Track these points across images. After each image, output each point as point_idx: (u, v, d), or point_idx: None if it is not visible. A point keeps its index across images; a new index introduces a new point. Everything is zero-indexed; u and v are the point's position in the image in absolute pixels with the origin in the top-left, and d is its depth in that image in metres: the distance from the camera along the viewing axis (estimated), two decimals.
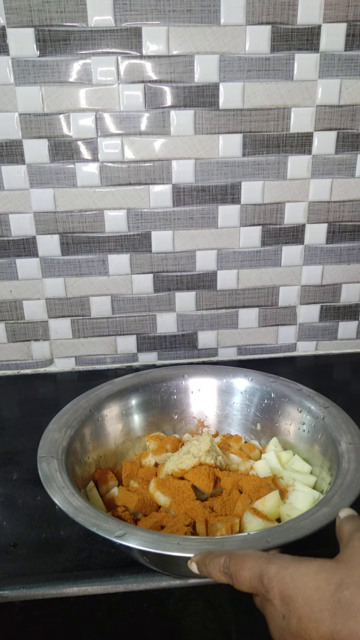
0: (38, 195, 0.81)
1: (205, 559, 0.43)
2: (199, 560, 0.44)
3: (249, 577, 0.39)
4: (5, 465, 0.68)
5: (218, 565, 0.42)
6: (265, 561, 0.39)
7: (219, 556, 0.42)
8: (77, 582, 0.51)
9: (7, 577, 0.52)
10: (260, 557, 0.40)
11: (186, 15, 0.73)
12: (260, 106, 0.79)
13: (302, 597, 0.36)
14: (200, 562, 0.43)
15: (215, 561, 0.42)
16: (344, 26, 0.76)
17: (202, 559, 0.43)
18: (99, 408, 0.66)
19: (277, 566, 0.38)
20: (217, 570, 0.42)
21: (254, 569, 0.39)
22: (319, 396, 0.66)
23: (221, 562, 0.42)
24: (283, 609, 0.37)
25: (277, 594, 0.37)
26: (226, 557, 0.42)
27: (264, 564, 0.39)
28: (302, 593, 0.37)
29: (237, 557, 0.41)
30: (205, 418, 0.73)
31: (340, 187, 0.85)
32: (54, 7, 0.72)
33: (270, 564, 0.39)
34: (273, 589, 0.38)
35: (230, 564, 0.41)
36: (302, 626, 0.36)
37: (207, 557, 0.43)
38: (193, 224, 0.85)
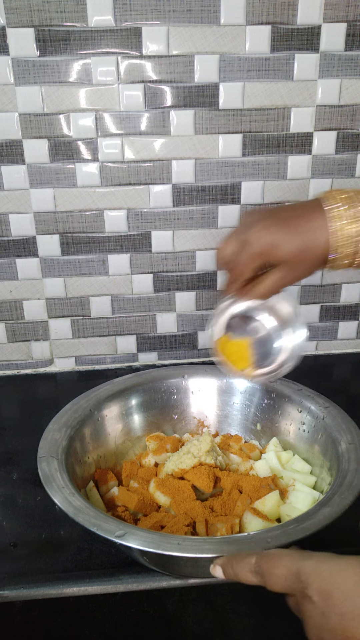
0: (38, 195, 0.81)
1: (232, 560, 0.42)
2: (224, 562, 0.43)
3: (284, 575, 0.39)
4: (5, 465, 0.68)
5: (248, 565, 0.41)
6: (301, 558, 0.39)
7: (248, 557, 0.41)
8: (77, 582, 0.51)
9: (7, 577, 0.52)
10: (294, 554, 0.39)
11: (186, 15, 0.73)
12: (260, 106, 0.79)
13: (343, 593, 0.36)
14: (226, 565, 0.42)
15: (244, 562, 0.41)
16: (344, 26, 0.76)
17: (227, 561, 0.42)
18: (99, 408, 0.66)
19: (315, 562, 0.38)
20: (247, 570, 0.41)
21: (289, 566, 0.39)
22: (319, 396, 0.66)
23: (252, 562, 0.41)
24: (322, 605, 0.36)
25: (316, 590, 0.37)
26: (257, 557, 0.41)
27: (300, 561, 0.38)
28: (342, 588, 0.36)
29: (269, 556, 0.40)
30: (205, 418, 0.73)
31: (340, 187, 0.85)
32: (54, 7, 0.72)
33: (306, 560, 0.38)
34: (312, 584, 0.37)
35: (262, 562, 0.40)
36: (343, 623, 0.35)
37: (234, 558, 0.42)
38: (193, 224, 0.85)
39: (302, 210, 0.53)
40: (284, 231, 0.52)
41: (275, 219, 0.53)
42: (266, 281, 0.55)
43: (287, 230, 0.52)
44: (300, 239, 0.51)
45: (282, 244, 0.52)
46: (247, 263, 0.54)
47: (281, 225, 0.52)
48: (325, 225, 0.51)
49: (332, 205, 0.51)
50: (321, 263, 0.53)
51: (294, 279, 0.55)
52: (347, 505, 0.49)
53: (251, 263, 0.54)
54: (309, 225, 0.51)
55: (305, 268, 0.53)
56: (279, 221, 0.52)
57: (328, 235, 0.51)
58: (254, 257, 0.53)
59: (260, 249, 0.52)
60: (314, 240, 0.51)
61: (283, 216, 0.53)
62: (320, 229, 0.51)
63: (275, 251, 0.52)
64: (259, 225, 0.53)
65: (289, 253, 0.52)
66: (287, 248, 0.52)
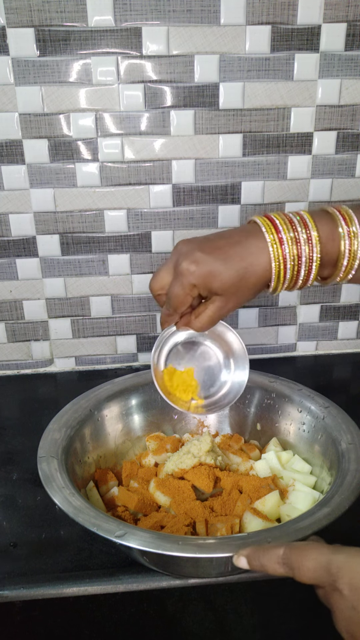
0: (38, 195, 0.81)
1: (259, 551, 0.42)
2: (250, 553, 0.43)
3: (313, 567, 0.39)
4: (5, 465, 0.68)
5: (275, 557, 0.41)
6: (332, 551, 0.39)
7: (275, 548, 0.42)
8: (77, 582, 0.51)
9: (7, 577, 0.52)
10: (324, 547, 0.40)
11: (186, 15, 0.73)
12: (260, 106, 0.79)
13: None
14: (252, 556, 0.43)
15: (272, 553, 0.41)
16: (344, 26, 0.76)
17: (254, 552, 0.43)
18: (99, 408, 0.66)
19: (346, 555, 0.38)
20: (274, 562, 0.41)
21: (319, 559, 0.39)
22: (319, 396, 0.66)
23: (280, 553, 0.41)
24: (353, 598, 0.37)
25: (347, 583, 0.37)
26: (285, 548, 0.41)
27: (330, 554, 0.39)
28: None
29: (299, 548, 0.41)
30: (205, 418, 0.73)
31: (340, 187, 0.85)
32: (54, 7, 0.72)
33: (337, 553, 0.38)
34: (342, 577, 0.37)
35: (291, 554, 0.40)
36: None
37: (261, 549, 0.42)
38: (193, 224, 0.85)
39: (238, 237, 0.50)
40: (219, 261, 0.49)
41: (209, 247, 0.50)
42: (206, 312, 0.53)
43: (223, 259, 0.49)
44: (237, 268, 0.49)
45: (218, 274, 0.49)
46: (183, 295, 0.51)
47: (216, 255, 0.50)
48: (264, 250, 0.49)
49: (270, 230, 0.49)
50: (261, 288, 0.52)
51: (233, 307, 0.53)
52: (347, 505, 0.49)
53: (187, 295, 0.51)
54: (246, 252, 0.49)
55: (244, 295, 0.51)
56: (213, 250, 0.50)
57: (268, 261, 0.49)
58: (190, 289, 0.51)
59: (195, 280, 0.50)
60: (252, 266, 0.49)
61: (218, 244, 0.50)
62: (258, 254, 0.49)
63: (211, 282, 0.50)
64: (193, 255, 0.50)
65: (226, 283, 0.50)
66: (223, 278, 0.49)
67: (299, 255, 0.49)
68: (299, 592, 0.54)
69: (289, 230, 0.49)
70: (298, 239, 0.49)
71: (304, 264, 0.49)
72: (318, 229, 0.49)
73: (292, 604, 0.58)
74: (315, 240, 0.48)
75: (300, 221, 0.49)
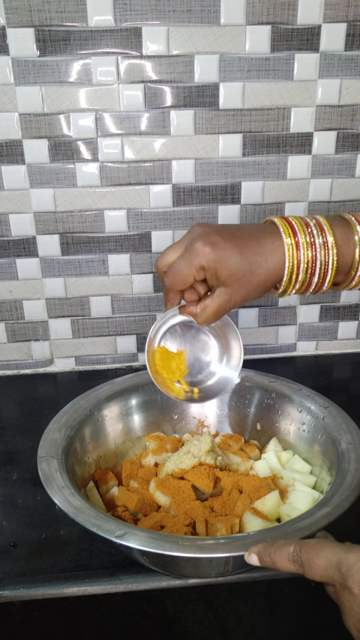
0: (38, 195, 0.81)
1: (270, 548, 0.42)
2: (261, 550, 0.43)
3: (324, 565, 0.39)
4: (5, 465, 0.68)
5: (286, 554, 0.41)
6: (343, 549, 0.39)
7: (286, 545, 0.42)
8: (77, 582, 0.51)
9: (7, 577, 0.52)
10: (336, 545, 0.40)
11: (186, 15, 0.73)
12: (260, 106, 0.79)
13: None
14: (263, 552, 0.43)
15: (283, 549, 0.42)
16: (344, 26, 0.76)
17: (265, 548, 0.43)
18: (99, 408, 0.66)
19: (357, 555, 0.38)
20: (285, 559, 0.41)
21: (330, 557, 0.39)
22: (319, 396, 0.66)
23: (290, 550, 0.41)
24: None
25: (358, 582, 0.37)
26: (296, 545, 0.41)
27: (341, 552, 0.39)
28: None
29: (310, 545, 0.41)
30: (205, 418, 0.73)
31: (340, 187, 0.85)
32: (54, 7, 0.72)
33: (349, 552, 0.39)
34: (353, 576, 0.37)
35: (302, 552, 0.40)
36: None
37: (272, 546, 0.42)
38: (193, 224, 0.85)
39: (255, 232, 0.50)
40: (233, 249, 0.49)
41: (227, 234, 0.50)
42: (211, 305, 0.52)
43: (238, 248, 0.49)
44: (250, 260, 0.49)
45: (230, 261, 0.49)
46: (187, 273, 0.51)
47: (233, 242, 0.49)
48: (279, 249, 0.49)
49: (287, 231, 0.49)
50: (269, 287, 0.51)
51: (239, 302, 0.52)
52: (347, 505, 0.49)
53: (191, 274, 0.51)
54: (262, 248, 0.49)
55: (251, 290, 0.51)
56: (231, 237, 0.50)
57: (282, 260, 0.49)
58: (197, 269, 0.50)
59: (206, 262, 0.49)
60: (265, 262, 0.49)
61: (236, 234, 0.50)
62: (273, 252, 0.49)
63: (221, 267, 0.49)
64: (210, 237, 0.50)
65: (236, 273, 0.49)
66: (234, 267, 0.49)
67: (314, 260, 0.49)
68: (298, 592, 0.55)
69: (306, 234, 0.49)
70: (314, 243, 0.49)
71: (319, 268, 0.49)
72: (335, 234, 0.49)
73: (291, 604, 0.58)
74: (332, 245, 0.48)
75: (316, 225, 0.49)
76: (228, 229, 0.51)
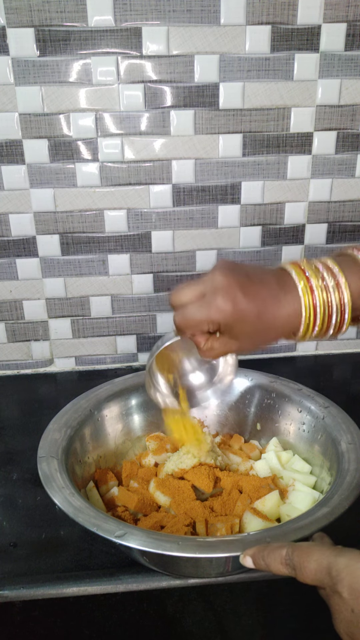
0: (38, 195, 0.81)
1: (263, 551, 0.43)
2: (255, 553, 0.43)
3: (314, 569, 0.39)
4: (5, 465, 0.68)
5: (279, 557, 0.41)
6: (334, 553, 0.39)
7: (279, 548, 0.42)
8: (77, 582, 0.51)
9: (7, 577, 0.52)
10: (327, 549, 0.40)
11: (186, 15, 0.73)
12: (260, 106, 0.79)
13: None
14: (257, 555, 0.43)
15: (276, 553, 0.42)
16: (344, 26, 0.76)
17: (258, 551, 0.43)
18: (99, 408, 0.66)
19: (347, 559, 0.38)
20: (278, 562, 0.41)
21: (320, 560, 0.39)
22: (319, 396, 0.66)
23: (283, 553, 0.41)
24: (353, 602, 0.37)
25: (347, 587, 0.37)
26: (289, 548, 0.41)
27: (332, 557, 0.39)
28: None
29: (302, 548, 0.41)
30: (205, 418, 0.73)
31: (340, 187, 0.85)
32: (54, 7, 0.72)
33: (339, 556, 0.39)
34: (342, 580, 0.37)
35: (293, 555, 0.41)
36: None
37: (266, 549, 0.43)
38: (193, 224, 0.85)
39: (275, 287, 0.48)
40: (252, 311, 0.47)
41: (252, 292, 0.47)
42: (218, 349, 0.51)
43: (257, 310, 0.47)
44: (266, 324, 0.48)
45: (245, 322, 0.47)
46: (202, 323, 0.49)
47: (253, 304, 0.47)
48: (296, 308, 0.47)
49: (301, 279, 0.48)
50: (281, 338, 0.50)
51: (247, 352, 0.52)
52: (347, 505, 0.49)
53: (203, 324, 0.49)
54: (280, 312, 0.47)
55: (260, 345, 0.50)
56: (254, 297, 0.47)
57: (298, 315, 0.47)
58: (212, 322, 0.48)
59: (223, 320, 0.47)
60: (280, 327, 0.48)
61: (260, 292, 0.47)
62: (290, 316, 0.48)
63: (236, 326, 0.48)
64: (233, 293, 0.47)
65: (250, 333, 0.48)
66: (248, 328, 0.48)
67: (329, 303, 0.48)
68: (298, 592, 0.55)
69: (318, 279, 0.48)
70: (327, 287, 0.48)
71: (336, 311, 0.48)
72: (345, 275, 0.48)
73: (291, 604, 0.58)
74: (345, 286, 0.48)
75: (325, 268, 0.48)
76: (252, 282, 0.48)
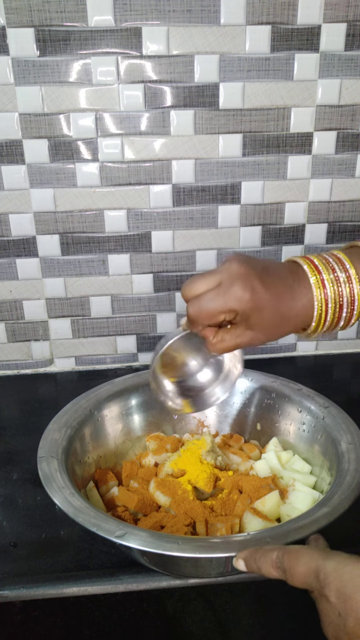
0: (38, 195, 0.81)
1: (255, 554, 0.43)
2: (247, 556, 0.43)
3: (303, 572, 0.39)
4: (5, 465, 0.68)
5: (270, 560, 0.41)
6: (322, 557, 0.39)
7: (270, 551, 0.42)
8: (77, 582, 0.51)
9: (7, 577, 0.52)
10: (316, 552, 0.40)
11: (186, 15, 0.73)
12: (260, 106, 0.79)
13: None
14: (249, 558, 0.43)
15: (267, 556, 0.42)
16: (344, 26, 0.76)
17: (250, 554, 0.43)
18: (99, 408, 0.66)
19: (335, 562, 0.38)
20: (269, 565, 0.41)
21: (309, 564, 0.39)
22: (319, 396, 0.66)
23: (273, 557, 0.41)
24: (340, 606, 0.37)
25: (334, 591, 0.37)
26: (279, 551, 0.41)
27: (320, 560, 0.39)
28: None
29: (291, 552, 0.41)
30: (205, 418, 0.73)
31: (340, 187, 0.85)
32: (54, 7, 0.72)
33: (327, 560, 0.39)
34: (330, 584, 0.37)
35: (284, 558, 0.41)
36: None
37: (257, 552, 0.43)
38: (193, 224, 0.85)
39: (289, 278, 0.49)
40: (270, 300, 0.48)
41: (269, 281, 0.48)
42: (229, 342, 0.50)
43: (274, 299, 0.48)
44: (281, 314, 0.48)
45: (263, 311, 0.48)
46: (219, 312, 0.48)
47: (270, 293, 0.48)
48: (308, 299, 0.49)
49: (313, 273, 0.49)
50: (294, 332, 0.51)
51: (258, 345, 0.52)
52: (347, 505, 0.49)
53: (223, 314, 0.48)
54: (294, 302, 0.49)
55: (274, 337, 0.51)
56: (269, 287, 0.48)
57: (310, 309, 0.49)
58: (228, 312, 0.48)
59: (241, 308, 0.47)
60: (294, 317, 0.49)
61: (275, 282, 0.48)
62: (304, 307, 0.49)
63: (253, 315, 0.48)
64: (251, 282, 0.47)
65: (267, 323, 0.49)
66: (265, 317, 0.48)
67: (340, 296, 0.49)
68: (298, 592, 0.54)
69: (329, 272, 0.49)
70: (338, 279, 0.49)
71: (346, 303, 0.49)
72: (355, 267, 0.49)
73: (291, 604, 0.58)
74: (355, 278, 0.49)
75: (336, 261, 0.49)
76: (268, 273, 0.49)
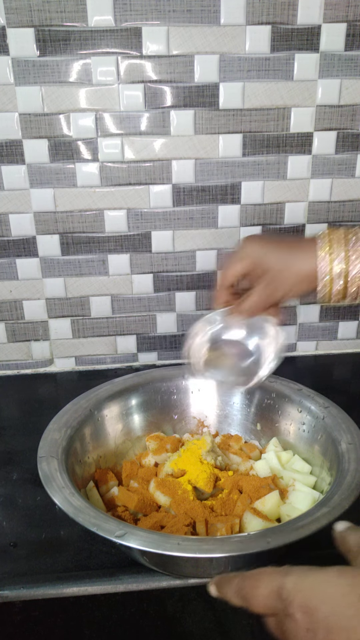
0: (38, 195, 0.81)
1: (221, 581, 0.41)
2: (217, 583, 0.41)
3: (265, 594, 0.37)
4: (5, 465, 0.68)
5: (233, 588, 0.39)
6: (281, 575, 0.37)
7: (233, 578, 0.40)
8: (77, 582, 0.51)
9: (7, 577, 0.52)
10: (274, 571, 0.38)
11: (186, 15, 0.73)
12: (260, 106, 0.79)
13: (328, 606, 0.34)
14: (218, 585, 0.41)
15: (230, 583, 0.40)
16: (344, 26, 0.76)
17: (218, 582, 0.41)
18: (99, 408, 0.66)
19: (295, 577, 0.36)
20: (232, 593, 0.39)
21: (269, 585, 0.37)
22: (319, 396, 0.66)
23: (234, 584, 0.39)
24: (306, 621, 0.35)
25: (298, 607, 0.35)
26: (239, 578, 0.39)
27: (279, 578, 0.37)
28: (326, 601, 0.34)
29: (250, 577, 0.39)
30: (205, 418, 0.73)
31: (340, 187, 0.85)
32: (54, 7, 0.72)
33: (287, 576, 0.37)
34: (293, 602, 0.35)
35: (244, 584, 0.38)
36: (332, 637, 0.34)
37: (222, 579, 0.41)
38: (193, 224, 0.85)
39: (299, 242, 0.60)
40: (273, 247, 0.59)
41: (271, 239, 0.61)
42: (252, 296, 0.60)
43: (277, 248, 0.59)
44: (285, 259, 0.58)
45: (270, 256, 0.58)
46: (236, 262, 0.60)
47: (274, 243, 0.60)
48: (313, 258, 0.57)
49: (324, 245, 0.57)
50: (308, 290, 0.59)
51: (279, 296, 0.60)
52: (347, 505, 0.49)
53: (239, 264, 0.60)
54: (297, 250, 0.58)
55: (288, 287, 0.59)
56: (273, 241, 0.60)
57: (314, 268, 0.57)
58: (243, 258, 0.60)
59: (251, 251, 0.60)
60: (297, 262, 0.58)
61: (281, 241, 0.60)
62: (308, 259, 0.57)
63: (262, 261, 0.59)
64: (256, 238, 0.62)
65: (273, 266, 0.58)
66: (271, 260, 0.58)
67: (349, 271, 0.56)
68: None
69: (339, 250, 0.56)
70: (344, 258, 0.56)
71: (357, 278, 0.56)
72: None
73: None
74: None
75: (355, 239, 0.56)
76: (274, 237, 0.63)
